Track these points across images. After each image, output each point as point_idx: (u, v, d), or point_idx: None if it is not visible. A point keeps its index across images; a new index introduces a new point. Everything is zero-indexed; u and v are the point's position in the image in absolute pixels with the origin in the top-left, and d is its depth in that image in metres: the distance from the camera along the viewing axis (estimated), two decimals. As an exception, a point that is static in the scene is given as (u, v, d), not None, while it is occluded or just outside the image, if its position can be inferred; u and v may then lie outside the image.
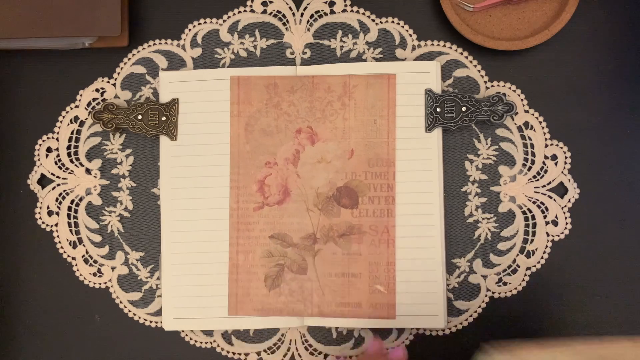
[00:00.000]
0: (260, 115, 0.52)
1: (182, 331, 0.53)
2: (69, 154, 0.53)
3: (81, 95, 0.54)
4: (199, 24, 0.54)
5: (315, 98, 0.51)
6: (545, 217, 0.52)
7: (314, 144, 0.52)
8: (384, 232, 0.51)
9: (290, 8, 0.53)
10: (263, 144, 0.52)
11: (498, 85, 0.52)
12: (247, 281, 0.51)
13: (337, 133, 0.51)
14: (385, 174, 0.51)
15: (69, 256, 0.53)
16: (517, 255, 0.52)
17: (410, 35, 0.53)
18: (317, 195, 0.51)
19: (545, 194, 0.52)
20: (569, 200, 0.52)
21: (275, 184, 0.51)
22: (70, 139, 0.53)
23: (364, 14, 0.53)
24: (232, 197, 0.51)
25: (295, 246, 0.51)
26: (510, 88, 0.52)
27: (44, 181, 0.54)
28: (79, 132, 0.54)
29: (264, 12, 0.53)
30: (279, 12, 0.53)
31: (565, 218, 0.52)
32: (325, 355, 0.52)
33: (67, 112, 0.54)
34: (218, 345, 0.52)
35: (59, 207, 0.53)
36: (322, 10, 0.53)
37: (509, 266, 0.52)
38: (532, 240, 0.52)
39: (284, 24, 0.53)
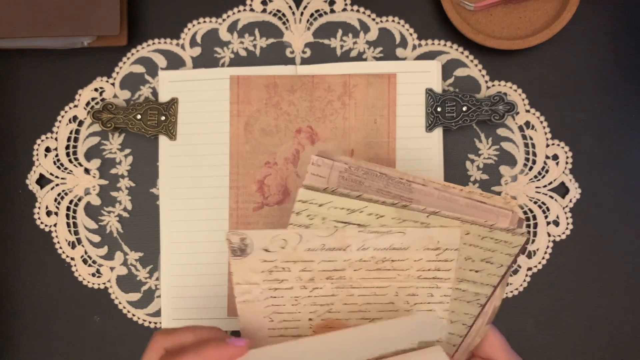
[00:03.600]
0: (260, 114, 0.51)
1: (182, 332, 0.52)
2: (67, 154, 0.53)
3: (80, 94, 0.53)
4: (198, 23, 0.53)
5: (315, 97, 0.51)
6: (546, 217, 0.51)
7: (314, 143, 0.51)
8: None
9: (290, 7, 0.53)
10: (263, 143, 0.51)
11: (499, 85, 0.52)
12: None
13: (337, 133, 0.51)
14: None
15: (67, 256, 0.53)
16: (518, 255, 0.51)
17: (411, 34, 0.53)
18: None
19: (546, 194, 0.52)
20: (570, 201, 0.52)
21: (275, 184, 0.51)
22: (69, 139, 0.53)
23: (364, 13, 0.53)
24: (231, 197, 0.51)
25: None
26: (511, 87, 0.52)
27: (42, 181, 0.53)
28: (77, 131, 0.53)
29: (264, 11, 0.53)
30: (278, 11, 0.53)
31: (567, 218, 0.51)
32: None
33: (65, 112, 0.53)
34: (218, 346, 0.52)
35: (57, 207, 0.53)
36: (322, 9, 0.53)
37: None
38: (533, 241, 0.52)
39: (284, 23, 0.53)
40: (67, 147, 0.53)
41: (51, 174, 0.53)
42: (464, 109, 0.51)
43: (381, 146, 0.51)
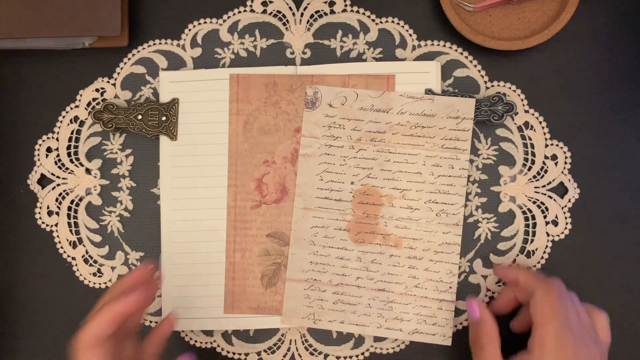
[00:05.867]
0: (259, 113, 0.52)
1: (182, 331, 0.53)
2: (69, 154, 0.53)
3: (81, 95, 0.54)
4: (199, 24, 0.54)
5: None
6: (545, 217, 0.52)
7: None
8: None
9: (290, 8, 0.53)
10: (261, 142, 0.52)
11: (498, 85, 0.52)
12: (243, 279, 0.51)
13: None
14: None
15: (69, 256, 0.53)
16: (517, 255, 0.52)
17: (410, 35, 0.53)
18: None
19: (545, 194, 0.52)
20: (569, 200, 0.52)
21: (273, 183, 0.51)
22: (70, 139, 0.53)
23: (364, 13, 0.53)
24: (229, 195, 0.51)
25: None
26: (510, 88, 0.52)
27: (44, 181, 0.54)
28: (79, 132, 0.54)
29: (264, 12, 0.53)
30: (279, 12, 0.53)
31: (566, 218, 0.52)
32: (326, 356, 0.52)
33: (67, 112, 0.54)
34: (218, 345, 0.52)
35: (59, 207, 0.53)
36: (322, 10, 0.53)
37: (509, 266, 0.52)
38: (532, 240, 0.52)
39: (284, 24, 0.53)
40: (69, 147, 0.53)
41: (52, 174, 0.53)
42: (463, 109, 0.51)
43: None
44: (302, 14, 0.53)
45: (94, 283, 0.53)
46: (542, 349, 0.41)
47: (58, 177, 0.53)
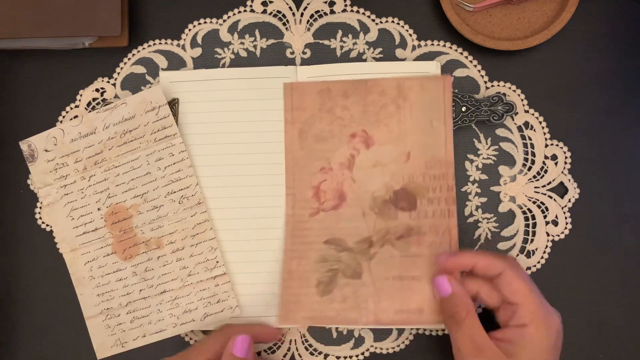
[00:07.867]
0: (314, 120, 0.51)
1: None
2: (69, 154, 0.53)
3: (81, 95, 0.54)
4: (199, 24, 0.54)
5: (369, 102, 0.51)
6: (545, 217, 0.52)
7: (369, 147, 0.51)
8: (446, 234, 0.50)
9: (290, 8, 0.53)
10: (317, 149, 0.51)
11: (498, 85, 0.52)
12: (299, 287, 0.50)
13: (392, 136, 0.51)
14: (444, 175, 0.50)
15: (69, 256, 0.53)
16: (517, 255, 0.52)
17: (410, 35, 0.53)
18: (373, 199, 0.50)
19: (545, 194, 0.52)
20: (569, 200, 0.52)
21: (331, 189, 0.51)
22: (70, 139, 0.53)
23: (364, 13, 0.53)
24: (287, 203, 0.51)
25: (350, 250, 0.50)
26: (510, 88, 0.52)
27: (44, 181, 0.54)
28: (79, 132, 0.54)
29: (264, 12, 0.53)
30: (279, 12, 0.53)
31: (565, 218, 0.52)
32: (326, 356, 0.52)
33: (67, 112, 0.54)
34: (218, 345, 0.52)
35: (59, 207, 0.53)
36: (322, 10, 0.53)
37: (509, 266, 0.52)
38: (532, 240, 0.52)
39: (284, 24, 0.53)
40: (69, 147, 0.53)
41: (52, 174, 0.53)
42: (463, 109, 0.51)
43: (438, 148, 0.50)
44: (302, 14, 0.53)
45: (94, 283, 0.53)
46: (536, 322, 0.43)
47: (58, 177, 0.53)
